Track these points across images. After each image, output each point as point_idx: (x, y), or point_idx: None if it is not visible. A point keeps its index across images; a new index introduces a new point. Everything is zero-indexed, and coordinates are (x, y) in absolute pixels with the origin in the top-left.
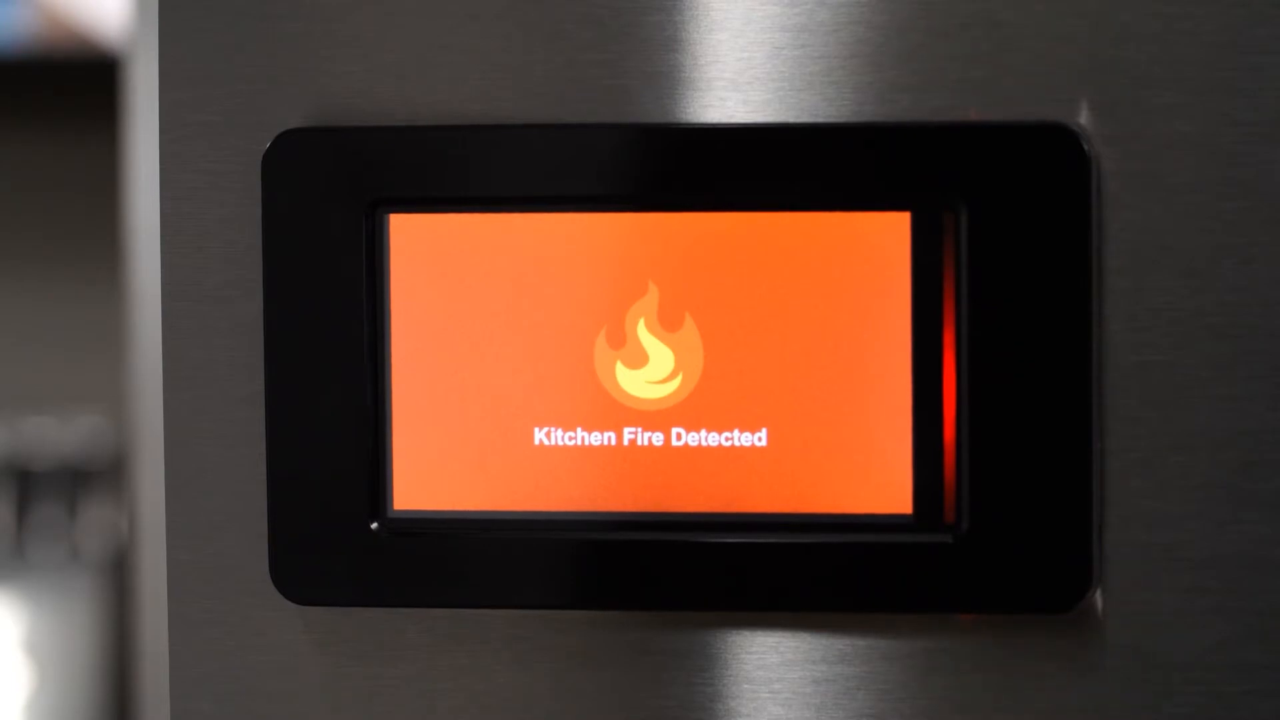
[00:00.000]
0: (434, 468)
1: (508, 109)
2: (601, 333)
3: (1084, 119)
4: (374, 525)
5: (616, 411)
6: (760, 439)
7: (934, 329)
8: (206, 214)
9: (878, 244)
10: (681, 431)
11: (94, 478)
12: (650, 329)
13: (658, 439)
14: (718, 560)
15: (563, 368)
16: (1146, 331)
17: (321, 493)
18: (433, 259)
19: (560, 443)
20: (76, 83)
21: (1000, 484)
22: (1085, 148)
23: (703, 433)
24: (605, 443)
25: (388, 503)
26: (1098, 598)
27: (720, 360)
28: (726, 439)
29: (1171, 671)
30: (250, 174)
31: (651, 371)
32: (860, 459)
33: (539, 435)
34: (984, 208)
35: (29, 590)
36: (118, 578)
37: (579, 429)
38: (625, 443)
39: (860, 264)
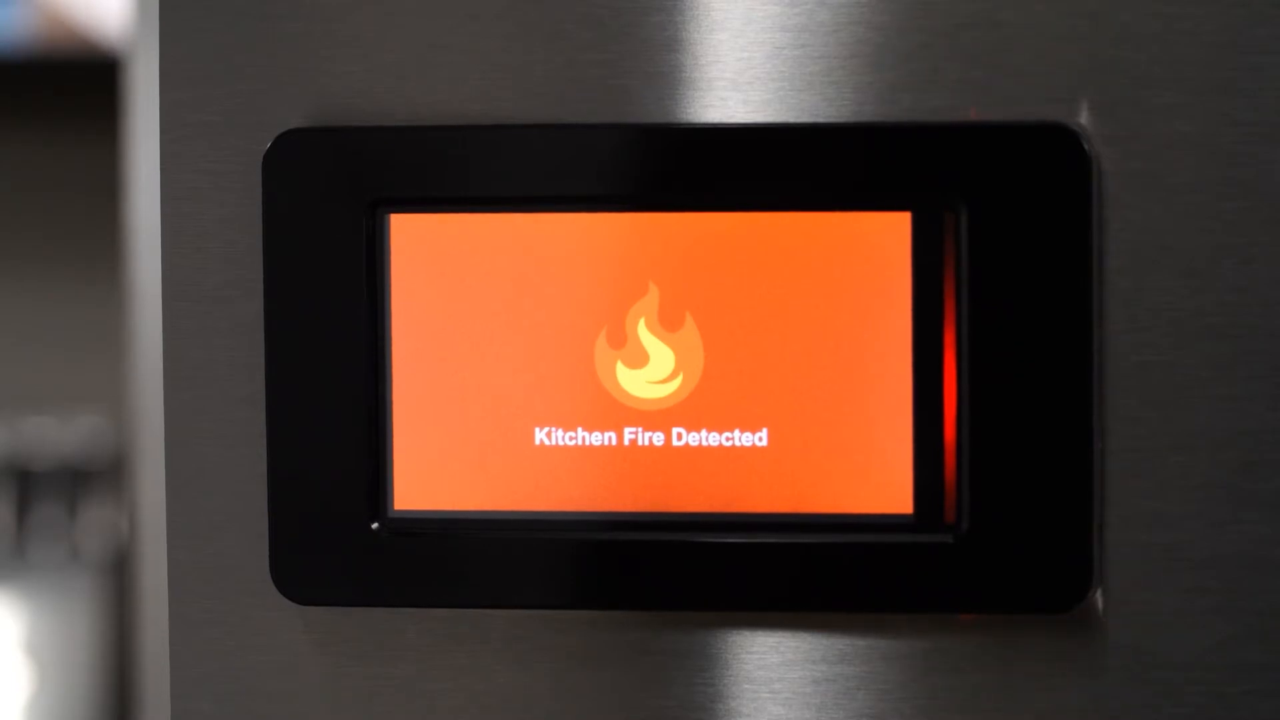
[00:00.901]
0: (434, 468)
1: (508, 109)
2: (602, 333)
3: (1084, 119)
4: (374, 525)
5: (617, 411)
6: (760, 439)
7: (934, 329)
8: (206, 214)
9: (878, 244)
10: (682, 431)
11: (94, 478)
12: (651, 329)
13: (658, 439)
14: (718, 560)
15: (563, 368)
16: (1146, 331)
17: (321, 493)
18: (433, 259)
19: (561, 443)
20: (76, 83)
21: (1000, 484)
22: (1085, 148)
23: (703, 433)
24: (606, 443)
25: (388, 503)
26: (1098, 598)
27: (721, 360)
28: (727, 439)
29: (1171, 671)
30: (250, 174)
31: (652, 371)
32: (860, 459)
33: (539, 435)
34: (984, 208)
35: (29, 590)
36: (118, 578)
37: (579, 429)
38: (626, 443)
39: (860, 264)
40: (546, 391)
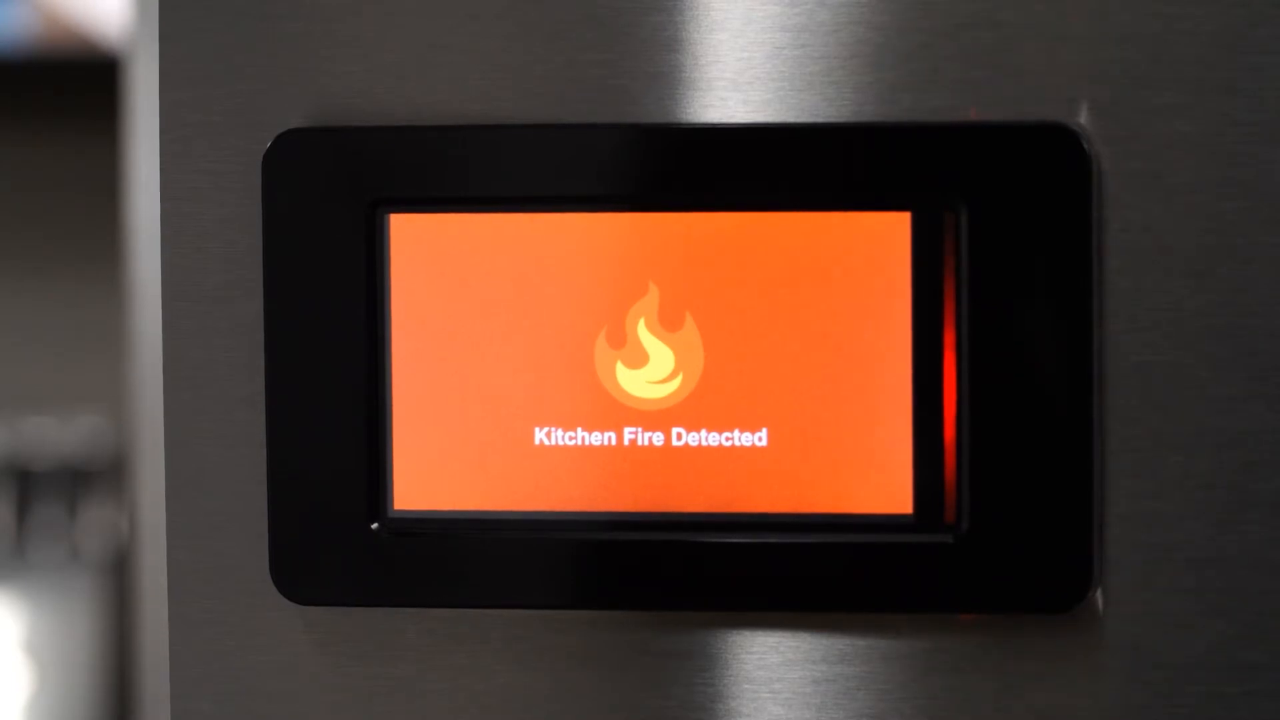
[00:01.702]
0: (434, 468)
1: (508, 109)
2: (602, 333)
3: (1084, 119)
4: (374, 525)
5: (617, 411)
6: (760, 439)
7: (934, 329)
8: (206, 214)
9: (878, 244)
10: (682, 431)
11: (94, 478)
12: (651, 329)
13: (658, 439)
14: (718, 560)
15: (563, 368)
16: (1146, 331)
17: (321, 493)
18: (433, 259)
19: (560, 443)
20: (76, 83)
21: (1000, 484)
22: (1085, 148)
23: (703, 433)
24: (605, 443)
25: (388, 503)
26: (1098, 598)
27: (720, 360)
28: (727, 439)
29: (1171, 671)
30: (250, 174)
31: (652, 371)
32: (860, 459)
33: (539, 435)
34: (984, 208)
35: (29, 590)
36: (118, 578)
37: (579, 429)
38: (625, 443)
39: (860, 264)
40: (546, 391)
